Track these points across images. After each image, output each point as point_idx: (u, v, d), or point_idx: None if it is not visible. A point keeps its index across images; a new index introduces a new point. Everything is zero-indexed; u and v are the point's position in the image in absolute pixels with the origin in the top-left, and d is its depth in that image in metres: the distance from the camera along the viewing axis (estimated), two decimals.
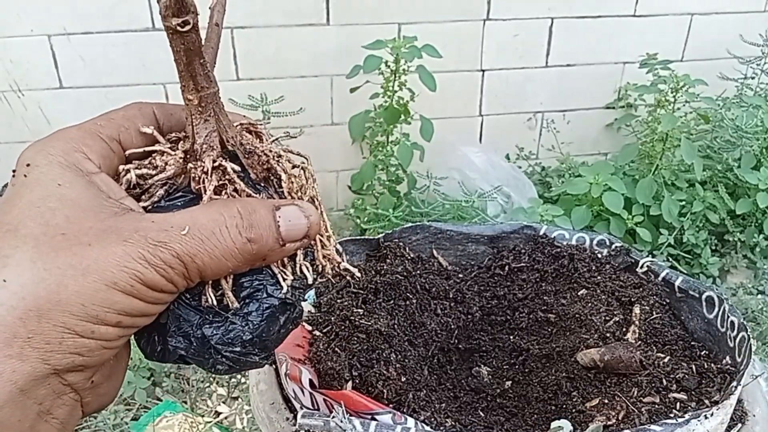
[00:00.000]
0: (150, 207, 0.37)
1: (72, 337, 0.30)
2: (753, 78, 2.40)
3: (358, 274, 0.43)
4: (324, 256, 0.39)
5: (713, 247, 2.23)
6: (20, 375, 0.29)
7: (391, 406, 0.57)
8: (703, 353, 0.62)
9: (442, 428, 0.57)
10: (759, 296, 2.08)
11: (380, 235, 0.77)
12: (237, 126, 0.39)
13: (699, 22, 2.42)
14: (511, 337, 0.70)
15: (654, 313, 0.67)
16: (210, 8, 0.38)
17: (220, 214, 0.33)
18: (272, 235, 0.35)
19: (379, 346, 0.61)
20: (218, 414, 1.67)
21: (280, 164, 0.38)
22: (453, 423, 0.58)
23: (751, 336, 0.57)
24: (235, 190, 0.37)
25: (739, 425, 0.57)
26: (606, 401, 0.57)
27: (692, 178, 2.16)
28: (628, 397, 0.56)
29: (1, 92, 2.04)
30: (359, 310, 0.67)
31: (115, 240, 0.31)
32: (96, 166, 0.35)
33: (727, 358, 0.60)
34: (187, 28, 0.35)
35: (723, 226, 2.21)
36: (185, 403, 1.66)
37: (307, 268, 0.38)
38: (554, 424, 0.55)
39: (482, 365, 0.68)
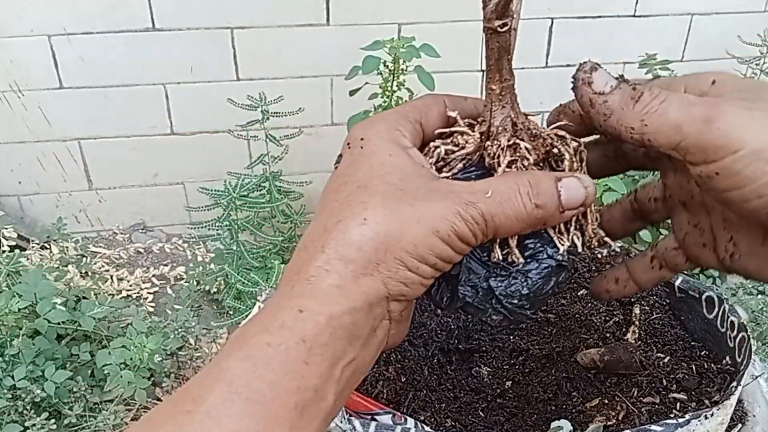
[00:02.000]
0: (450, 178, 0.43)
1: (404, 269, 0.38)
2: (753, 78, 2.40)
3: (617, 248, 0.48)
4: (592, 229, 0.45)
5: None
6: (371, 291, 0.37)
7: (391, 406, 0.57)
8: (703, 353, 0.62)
9: (442, 428, 0.57)
10: (759, 296, 2.08)
11: None
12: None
13: (699, 22, 2.42)
14: (511, 338, 0.69)
15: (654, 313, 0.67)
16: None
17: (515, 183, 0.40)
18: (554, 203, 0.40)
19: None
20: None
21: (564, 146, 0.44)
22: (453, 423, 0.58)
23: (751, 336, 0.57)
24: (524, 165, 0.43)
25: (740, 425, 0.57)
26: (606, 401, 0.57)
27: None
28: (628, 398, 0.56)
29: (1, 92, 2.04)
30: None
31: (437, 197, 0.39)
32: (410, 142, 0.43)
33: (727, 358, 0.60)
34: (506, 29, 0.41)
35: None
36: None
37: (577, 237, 0.44)
38: (554, 425, 0.55)
39: (482, 365, 0.68)
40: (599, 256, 0.76)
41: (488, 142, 0.43)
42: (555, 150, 0.44)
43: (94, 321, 1.64)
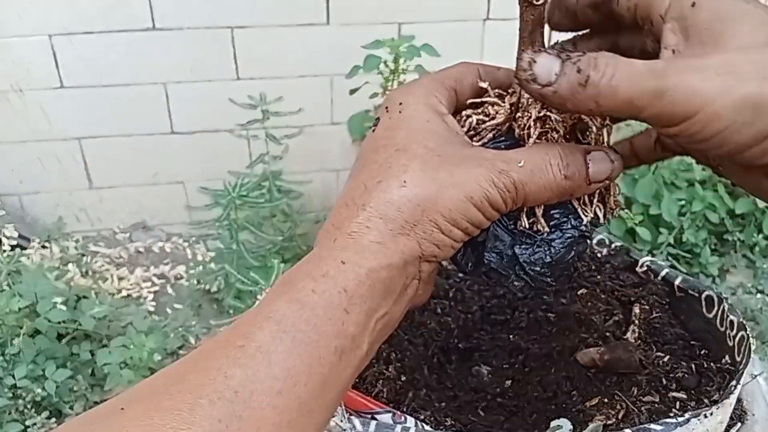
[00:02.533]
0: (480, 147, 0.45)
1: (437, 232, 0.40)
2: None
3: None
4: (614, 200, 0.46)
5: (713, 247, 2.23)
6: (407, 249, 0.39)
7: (390, 405, 0.57)
8: (702, 352, 0.62)
9: (441, 427, 0.57)
10: (758, 295, 2.08)
11: None
12: None
13: None
14: (511, 337, 0.70)
15: (654, 312, 0.67)
16: None
17: (546, 154, 0.41)
18: (583, 175, 0.42)
19: None
20: None
21: (591, 119, 0.45)
22: (452, 422, 0.58)
23: (750, 335, 0.57)
24: (554, 137, 0.44)
25: (739, 424, 0.57)
26: (606, 400, 0.57)
27: (692, 177, 2.16)
28: (628, 397, 0.56)
29: (2, 92, 2.04)
30: None
31: (473, 164, 0.40)
32: (446, 109, 0.44)
33: (727, 357, 0.60)
34: (541, 1, 0.41)
35: (722, 225, 2.21)
36: None
37: (600, 208, 0.45)
38: (554, 423, 0.55)
39: (482, 364, 0.68)
40: (599, 255, 0.76)
41: (518, 114, 0.44)
42: (582, 123, 0.45)
43: (94, 320, 1.64)
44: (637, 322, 0.66)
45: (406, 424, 0.51)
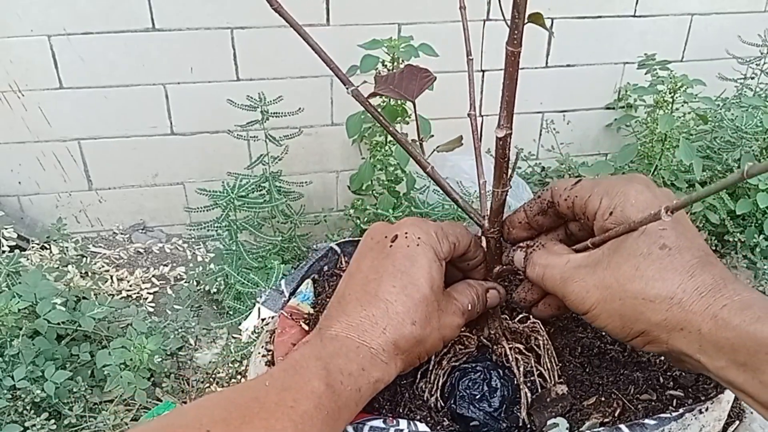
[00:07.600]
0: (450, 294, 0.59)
1: (416, 359, 0.54)
2: (752, 78, 2.40)
3: None
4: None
5: (713, 248, 2.23)
6: (395, 369, 0.51)
7: (388, 406, 0.57)
8: None
9: (439, 427, 0.57)
10: None
11: None
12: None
13: (699, 22, 2.42)
14: None
15: None
16: None
17: None
18: None
19: None
20: None
21: (536, 340, 0.61)
22: (450, 423, 0.58)
23: None
24: (526, 362, 0.60)
25: (737, 422, 0.57)
26: (603, 399, 0.57)
27: (692, 178, 2.16)
28: (625, 395, 0.56)
29: (1, 92, 2.04)
30: None
31: (451, 316, 0.56)
32: (444, 256, 0.55)
33: None
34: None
35: (723, 226, 2.21)
36: (185, 403, 1.66)
37: None
38: (551, 422, 0.55)
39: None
40: None
41: (495, 346, 0.61)
42: (532, 337, 0.61)
43: (94, 321, 1.64)
44: None
45: (399, 426, 0.51)
